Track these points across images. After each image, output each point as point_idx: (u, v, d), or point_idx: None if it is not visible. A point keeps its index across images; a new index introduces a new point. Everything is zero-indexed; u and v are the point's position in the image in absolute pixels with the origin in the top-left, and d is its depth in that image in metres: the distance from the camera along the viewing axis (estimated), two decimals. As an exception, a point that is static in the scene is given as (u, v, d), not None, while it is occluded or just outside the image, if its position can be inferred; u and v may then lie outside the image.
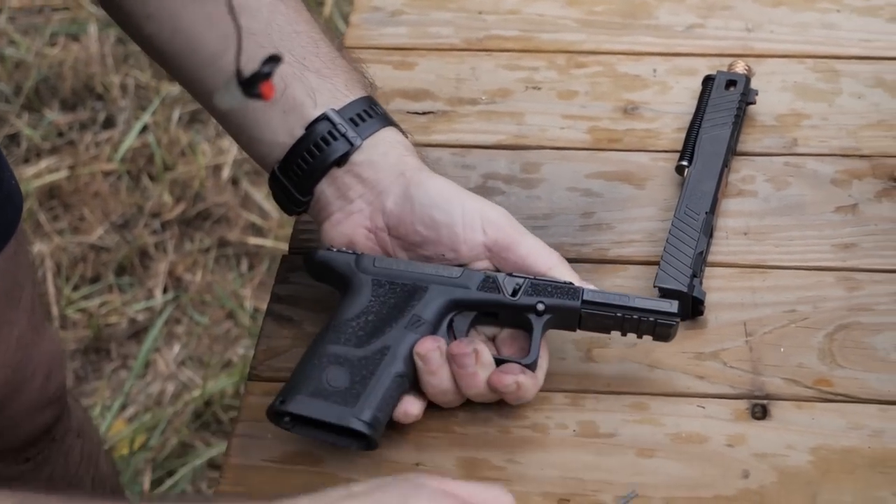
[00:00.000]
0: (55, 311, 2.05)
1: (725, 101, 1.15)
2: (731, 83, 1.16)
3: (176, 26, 1.01)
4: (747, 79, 1.16)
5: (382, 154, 1.00)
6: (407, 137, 1.03)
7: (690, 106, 1.17)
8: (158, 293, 2.07)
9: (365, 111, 1.01)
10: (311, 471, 0.96)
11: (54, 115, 2.29)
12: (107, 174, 2.22)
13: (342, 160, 1.00)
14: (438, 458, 0.97)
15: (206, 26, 1.00)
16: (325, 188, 1.01)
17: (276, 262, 2.11)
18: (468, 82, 1.22)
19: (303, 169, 1.00)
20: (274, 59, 0.81)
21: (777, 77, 1.20)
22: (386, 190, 1.00)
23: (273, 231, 2.15)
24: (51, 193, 2.20)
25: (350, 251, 0.99)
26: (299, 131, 1.00)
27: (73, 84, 2.33)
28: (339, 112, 1.00)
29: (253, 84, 0.81)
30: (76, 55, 2.37)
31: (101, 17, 2.39)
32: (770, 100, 1.18)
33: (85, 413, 1.35)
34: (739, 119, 1.15)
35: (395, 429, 0.97)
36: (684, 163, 1.11)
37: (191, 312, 2.05)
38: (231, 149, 2.23)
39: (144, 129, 2.26)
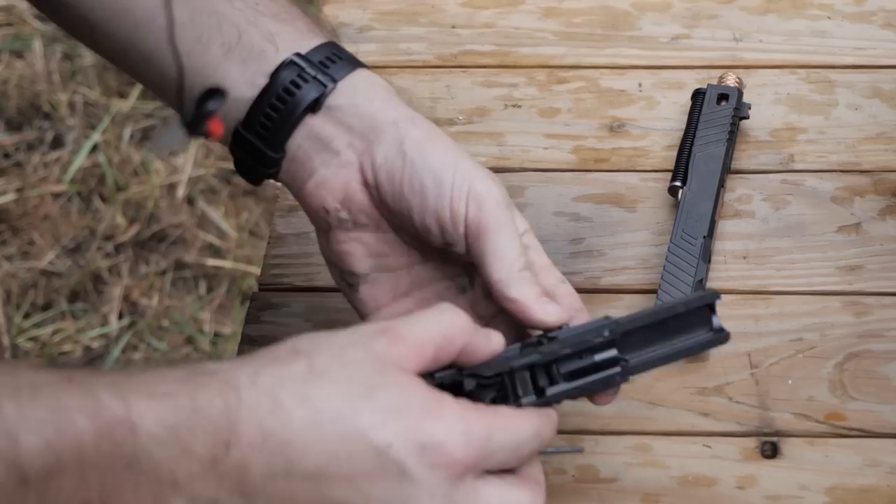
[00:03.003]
0: (6, 340, 1.97)
1: (718, 116, 1.09)
2: (723, 97, 1.10)
3: None
4: (739, 92, 1.10)
5: (366, 99, 0.89)
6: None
7: (679, 122, 1.11)
8: (114, 319, 2.00)
9: (333, 55, 0.91)
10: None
11: (-1, 136, 2.22)
12: (56, 196, 2.15)
13: (316, 105, 0.89)
14: (428, 508, 0.90)
15: None
16: (301, 142, 0.89)
17: (235, 284, 2.05)
18: (444, 101, 1.15)
19: (272, 119, 0.89)
20: (216, 94, 0.73)
21: (769, 89, 1.14)
22: (378, 140, 0.88)
23: (232, 251, 2.08)
24: (-2, 217, 2.13)
25: None
26: (262, 80, 0.89)
27: (18, 103, 2.26)
28: (305, 56, 0.90)
29: (198, 124, 0.74)
30: (21, 73, 2.29)
31: (46, 32, 2.32)
32: (763, 113, 1.12)
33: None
34: (733, 135, 1.08)
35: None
36: (678, 183, 1.05)
37: (148, 339, 1.98)
38: (186, 167, 2.16)
39: (94, 148, 2.19)
